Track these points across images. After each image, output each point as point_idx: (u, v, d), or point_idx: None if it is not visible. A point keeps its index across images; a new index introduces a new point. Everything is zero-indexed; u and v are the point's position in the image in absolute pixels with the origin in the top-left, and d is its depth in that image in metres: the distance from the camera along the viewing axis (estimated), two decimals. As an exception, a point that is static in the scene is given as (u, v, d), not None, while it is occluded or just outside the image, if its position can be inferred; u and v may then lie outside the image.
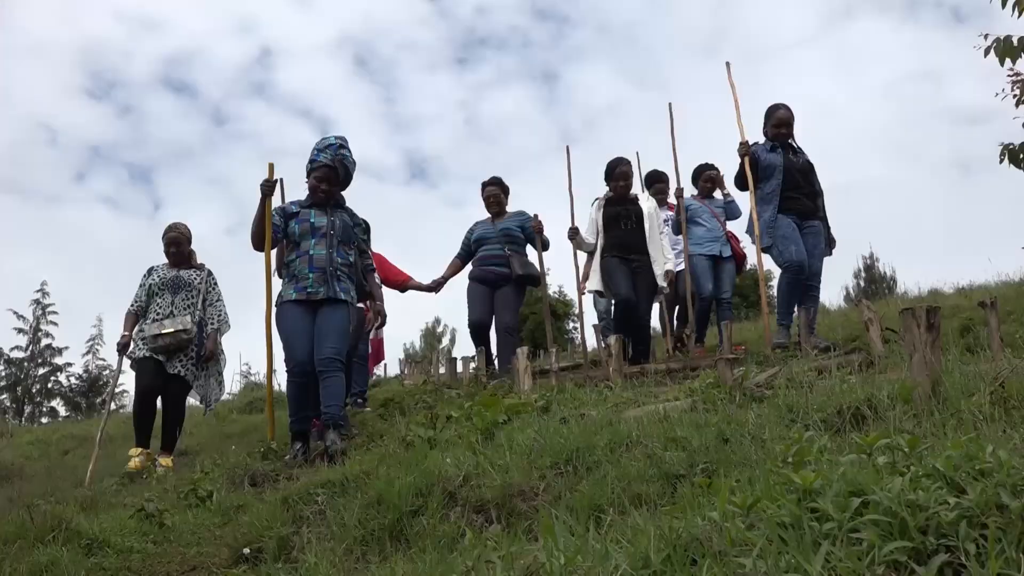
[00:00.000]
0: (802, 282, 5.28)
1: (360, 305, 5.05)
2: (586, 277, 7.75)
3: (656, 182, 6.96)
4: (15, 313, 26.23)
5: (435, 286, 6.29)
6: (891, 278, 20.62)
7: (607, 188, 6.01)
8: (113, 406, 6.44)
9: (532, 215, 6.16)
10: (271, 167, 4.70)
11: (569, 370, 6.08)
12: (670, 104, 6.50)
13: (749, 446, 2.17)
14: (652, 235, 5.85)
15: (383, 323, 5.00)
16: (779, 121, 5.55)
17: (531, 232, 6.11)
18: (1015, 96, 5.23)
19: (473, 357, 8.57)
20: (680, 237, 6.51)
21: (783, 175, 5.40)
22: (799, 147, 5.62)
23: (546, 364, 6.50)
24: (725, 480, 1.72)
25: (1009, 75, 5.19)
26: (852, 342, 5.07)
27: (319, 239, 4.53)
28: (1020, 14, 4.46)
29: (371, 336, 5.88)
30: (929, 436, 1.76)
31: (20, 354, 26.19)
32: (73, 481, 4.76)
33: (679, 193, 6.47)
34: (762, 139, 5.62)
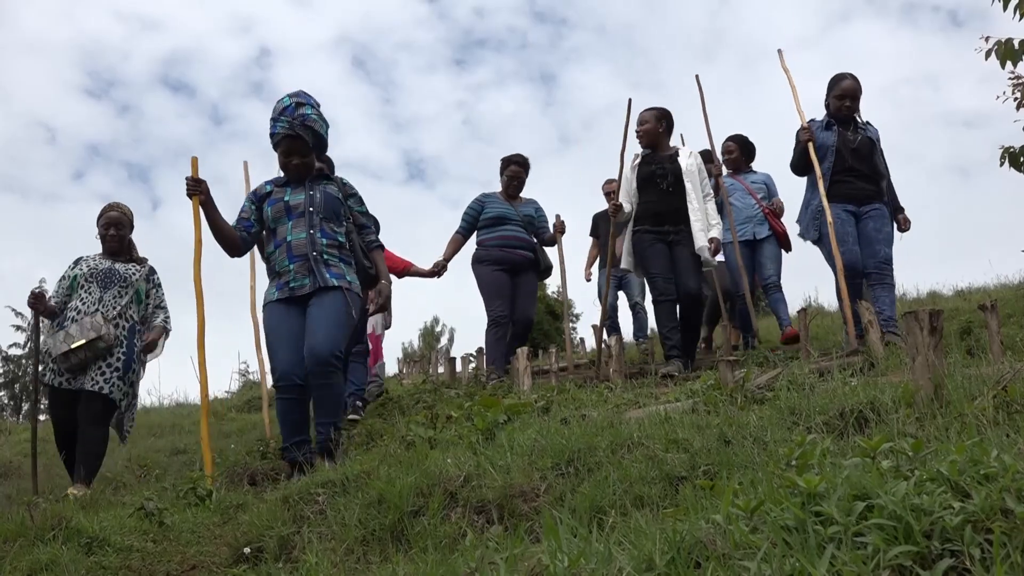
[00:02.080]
0: (858, 284, 4.77)
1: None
2: (591, 263, 7.47)
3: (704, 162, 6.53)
4: (13, 310, 26.20)
5: (438, 270, 5.74)
6: (889, 280, 20.58)
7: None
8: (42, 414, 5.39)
9: (555, 214, 5.79)
10: (194, 162, 3.80)
11: (569, 370, 6.07)
12: (697, 76, 5.89)
13: (751, 448, 2.17)
14: (694, 197, 4.93)
15: (384, 306, 4.13)
16: (843, 92, 4.89)
17: (544, 225, 5.81)
18: (1016, 99, 5.25)
19: (471, 356, 8.55)
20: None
21: (834, 157, 4.82)
22: (864, 123, 4.97)
23: (564, 362, 6.37)
24: (728, 482, 1.72)
25: (1010, 78, 5.22)
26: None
27: (296, 220, 3.77)
28: (1022, 17, 4.46)
29: (369, 332, 5.54)
30: (933, 440, 1.76)
31: (18, 351, 26.17)
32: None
33: (717, 171, 5.82)
34: (821, 113, 5.03)
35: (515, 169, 5.83)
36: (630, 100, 5.31)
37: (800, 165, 5.01)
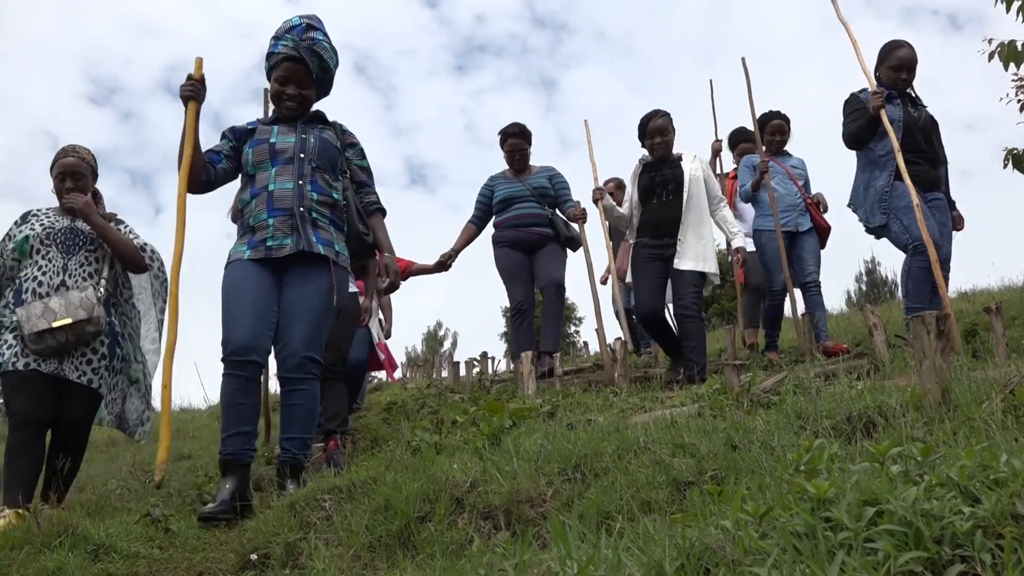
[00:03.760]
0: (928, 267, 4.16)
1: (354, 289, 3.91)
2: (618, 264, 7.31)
3: (743, 141, 5.92)
4: (16, 316, 26.15)
5: (444, 261, 5.27)
6: (892, 282, 20.64)
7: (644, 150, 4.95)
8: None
9: (576, 201, 5.28)
10: (198, 63, 3.22)
11: (573, 374, 6.07)
12: (743, 59, 5.64)
13: (758, 453, 2.16)
14: (692, 207, 4.63)
15: (392, 285, 3.49)
16: (900, 63, 4.36)
17: (564, 193, 5.38)
18: (1020, 101, 5.25)
19: (475, 360, 8.52)
20: (746, 207, 5.55)
21: (902, 133, 4.22)
22: (920, 99, 4.45)
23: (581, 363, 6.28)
24: (735, 488, 1.71)
25: (1013, 80, 5.22)
26: (856, 346, 5.07)
27: (282, 166, 3.13)
28: (1025, 19, 4.45)
29: (377, 340, 5.23)
30: (941, 444, 1.76)
31: (21, 357, 26.10)
32: (77, 484, 4.75)
33: (764, 168, 5.23)
34: (870, 87, 4.40)
35: (514, 142, 5.41)
36: (586, 122, 5.52)
37: (860, 136, 4.37)
